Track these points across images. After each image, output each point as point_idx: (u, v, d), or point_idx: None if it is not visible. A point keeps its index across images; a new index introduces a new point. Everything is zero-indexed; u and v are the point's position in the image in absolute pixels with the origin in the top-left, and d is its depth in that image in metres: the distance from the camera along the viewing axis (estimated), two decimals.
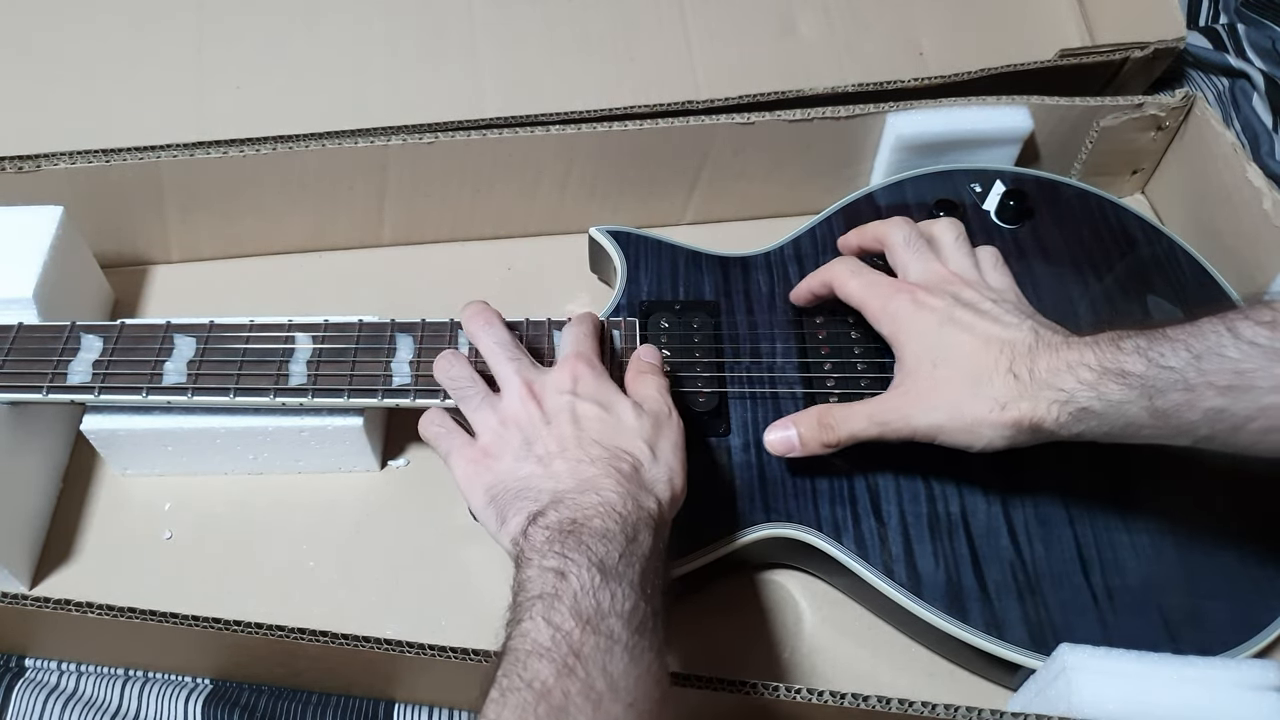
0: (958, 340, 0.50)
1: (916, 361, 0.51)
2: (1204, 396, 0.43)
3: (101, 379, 0.57)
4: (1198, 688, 0.49)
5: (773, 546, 0.57)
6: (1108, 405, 0.45)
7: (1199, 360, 0.43)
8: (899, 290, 0.53)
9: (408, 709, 0.58)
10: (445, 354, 0.55)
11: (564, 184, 0.72)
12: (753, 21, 0.74)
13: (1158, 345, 0.44)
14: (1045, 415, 0.47)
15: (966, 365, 0.49)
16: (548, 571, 0.42)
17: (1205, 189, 0.71)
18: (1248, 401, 0.42)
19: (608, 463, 0.47)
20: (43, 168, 0.65)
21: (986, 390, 0.48)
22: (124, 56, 0.70)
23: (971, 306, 0.51)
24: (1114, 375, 0.45)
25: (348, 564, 0.61)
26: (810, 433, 0.53)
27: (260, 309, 0.62)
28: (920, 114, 0.70)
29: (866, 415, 0.52)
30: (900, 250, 0.56)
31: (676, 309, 0.63)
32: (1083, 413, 0.46)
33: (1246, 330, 0.42)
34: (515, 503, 0.47)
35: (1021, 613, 0.53)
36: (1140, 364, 0.44)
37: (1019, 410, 0.47)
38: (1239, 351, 0.42)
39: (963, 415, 0.49)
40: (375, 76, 0.71)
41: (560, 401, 0.50)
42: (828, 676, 0.57)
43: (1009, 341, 0.49)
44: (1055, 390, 0.46)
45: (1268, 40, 0.83)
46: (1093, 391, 0.46)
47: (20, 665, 0.59)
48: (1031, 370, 0.47)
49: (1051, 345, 0.48)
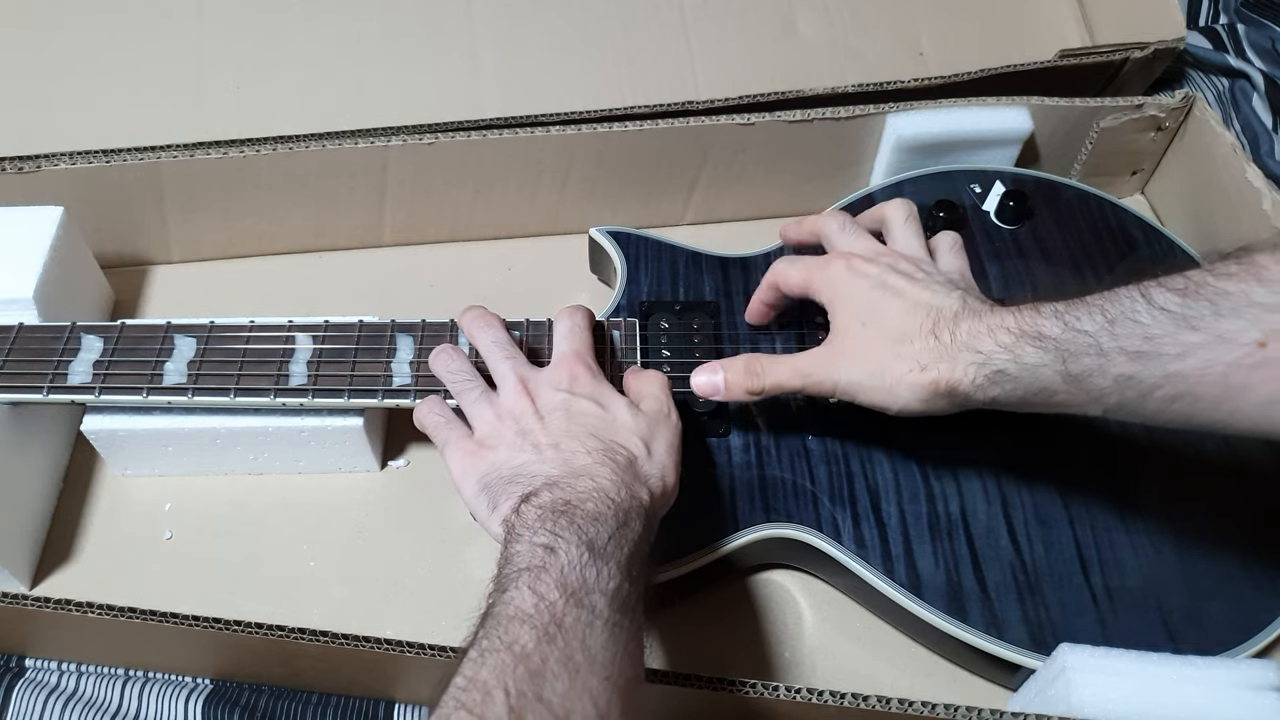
0: (887, 304, 0.50)
1: (846, 321, 0.52)
2: (1115, 362, 0.43)
3: (102, 379, 0.57)
4: (1198, 688, 0.49)
5: (773, 547, 0.57)
6: (1022, 368, 0.46)
7: (1112, 325, 0.43)
8: (835, 258, 0.54)
9: (408, 709, 0.58)
10: (443, 348, 0.55)
11: (564, 184, 0.72)
12: (753, 21, 0.74)
13: (1074, 310, 0.45)
14: (962, 378, 0.47)
15: (892, 326, 0.50)
16: (537, 546, 0.42)
17: (1205, 189, 0.71)
18: (1154, 369, 0.42)
19: (603, 453, 0.47)
20: (43, 168, 0.65)
21: (908, 351, 0.49)
22: (124, 56, 0.70)
23: (904, 274, 0.52)
24: (1030, 338, 0.45)
25: (348, 564, 0.62)
26: (736, 378, 0.53)
27: (260, 309, 0.62)
28: (920, 114, 0.70)
29: (792, 367, 0.52)
30: (836, 236, 0.57)
31: (676, 309, 0.63)
32: (998, 375, 0.46)
33: (1159, 296, 0.42)
34: (508, 488, 0.48)
35: (1021, 613, 0.53)
36: (1056, 327, 0.45)
37: (937, 372, 0.48)
38: (1150, 317, 0.42)
39: (883, 374, 0.49)
40: (375, 76, 0.71)
41: (556, 398, 0.50)
42: (828, 676, 0.57)
43: (936, 307, 0.49)
44: (973, 352, 0.47)
45: (1268, 40, 0.83)
46: (1009, 354, 0.46)
47: (20, 665, 0.59)
48: (954, 334, 0.48)
49: (976, 312, 0.48)
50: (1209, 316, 0.41)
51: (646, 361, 0.60)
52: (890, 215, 0.57)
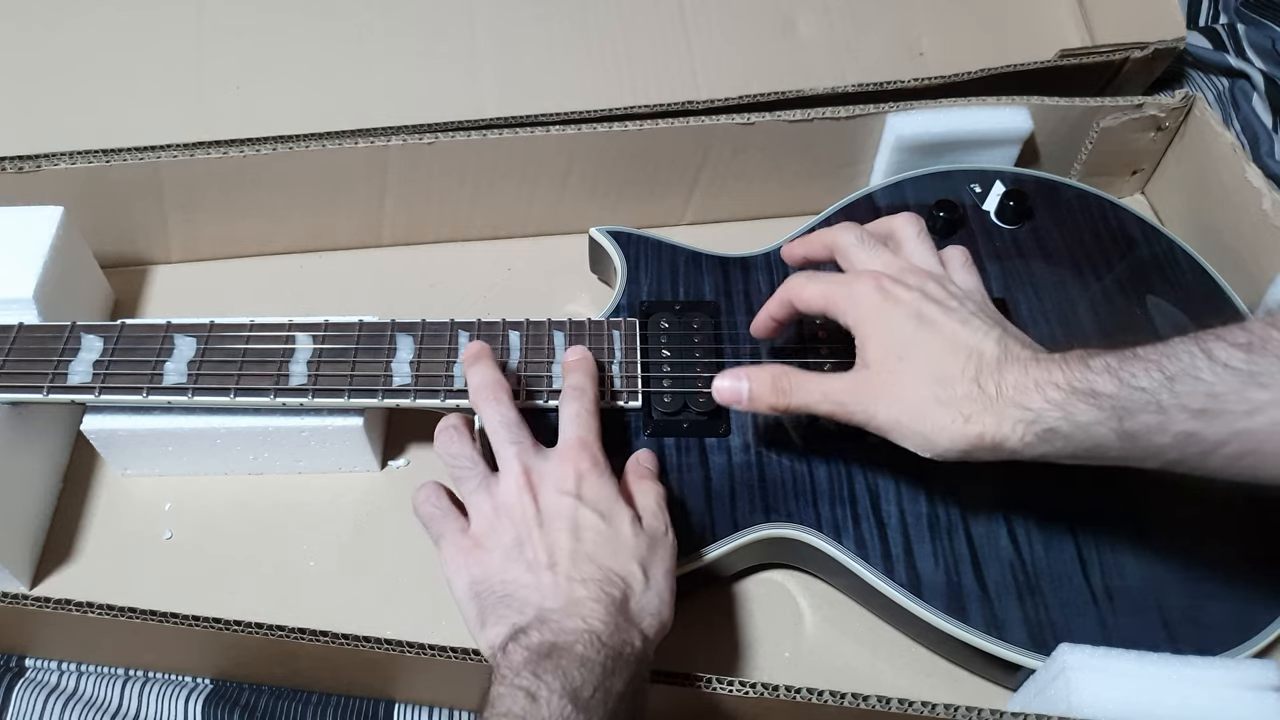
0: (925, 339, 0.48)
1: (881, 352, 0.49)
2: (1176, 420, 0.41)
3: (102, 379, 0.57)
4: (1197, 688, 0.49)
5: (773, 547, 0.57)
6: (1075, 426, 0.44)
7: (1172, 382, 0.41)
8: (862, 276, 0.50)
9: (408, 709, 0.58)
10: (449, 427, 0.52)
11: (564, 184, 0.72)
12: (753, 21, 0.74)
13: (1129, 365, 0.43)
14: (1010, 434, 0.45)
15: (933, 366, 0.47)
16: (518, 691, 0.41)
17: (1205, 189, 0.71)
18: (1220, 426, 0.41)
19: (599, 585, 0.46)
20: (43, 168, 0.65)
21: (949, 397, 0.46)
22: (124, 56, 0.70)
23: (939, 303, 0.49)
24: (1083, 395, 0.43)
25: (348, 564, 0.62)
26: (762, 392, 0.51)
27: (260, 309, 0.62)
28: (920, 114, 0.70)
29: (823, 391, 0.49)
30: (855, 250, 0.53)
31: (676, 309, 0.63)
32: (1049, 433, 0.44)
33: (1221, 352, 0.41)
34: (499, 609, 0.46)
35: (1021, 613, 0.53)
36: (1111, 384, 0.43)
37: (983, 425, 0.45)
38: (1213, 374, 0.41)
39: (923, 418, 0.47)
40: (375, 76, 0.71)
41: (561, 504, 0.48)
42: (828, 676, 0.57)
43: (976, 350, 0.47)
44: (1021, 409, 0.45)
45: (1268, 40, 0.83)
46: (1060, 411, 0.44)
47: (20, 665, 0.59)
48: (999, 385, 0.45)
49: (1019, 360, 0.46)
50: (1278, 373, 0.39)
51: (646, 361, 0.60)
52: (901, 230, 0.55)
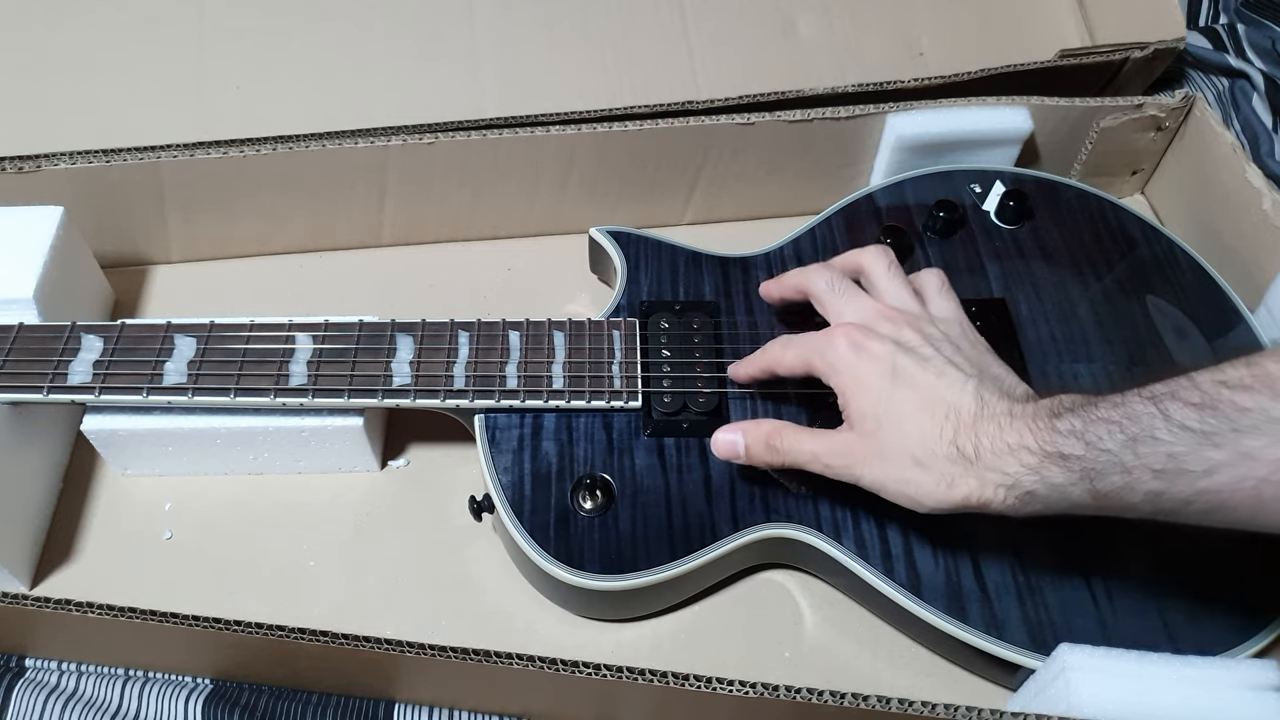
0: (901, 400, 0.49)
1: (860, 417, 0.50)
2: (1141, 480, 0.42)
3: (102, 379, 0.57)
4: (1197, 688, 0.49)
5: (773, 547, 0.57)
6: (1050, 489, 0.45)
7: (1134, 443, 0.42)
8: (834, 336, 0.51)
9: (408, 709, 0.58)
10: None
11: (564, 184, 0.72)
12: (753, 21, 0.74)
13: (1093, 428, 0.44)
14: (993, 497, 0.46)
15: (911, 432, 0.48)
16: None
17: (1205, 189, 0.71)
18: (1183, 485, 0.41)
19: None
20: (43, 168, 0.65)
21: (931, 463, 0.47)
22: (124, 56, 0.70)
23: (914, 352, 0.50)
24: (1054, 459, 0.44)
25: (348, 564, 0.62)
26: (757, 449, 0.53)
27: (260, 309, 0.62)
28: (920, 114, 0.70)
29: (812, 453, 0.51)
30: (827, 297, 0.55)
31: (676, 309, 0.63)
32: (1028, 496, 0.45)
33: (1176, 412, 0.41)
34: None
35: (1021, 613, 0.53)
36: (1078, 447, 0.44)
37: (967, 488, 0.46)
38: (1170, 435, 0.41)
39: (906, 481, 0.48)
40: (375, 76, 0.71)
41: None
42: (828, 676, 0.57)
43: (953, 406, 0.48)
44: (1000, 474, 0.46)
45: (1268, 40, 0.83)
46: (1035, 475, 0.45)
47: (20, 665, 0.59)
48: (977, 448, 0.46)
49: (994, 416, 0.47)
50: (1229, 433, 0.40)
51: (646, 361, 0.60)
52: (869, 267, 0.55)
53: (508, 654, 0.49)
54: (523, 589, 0.60)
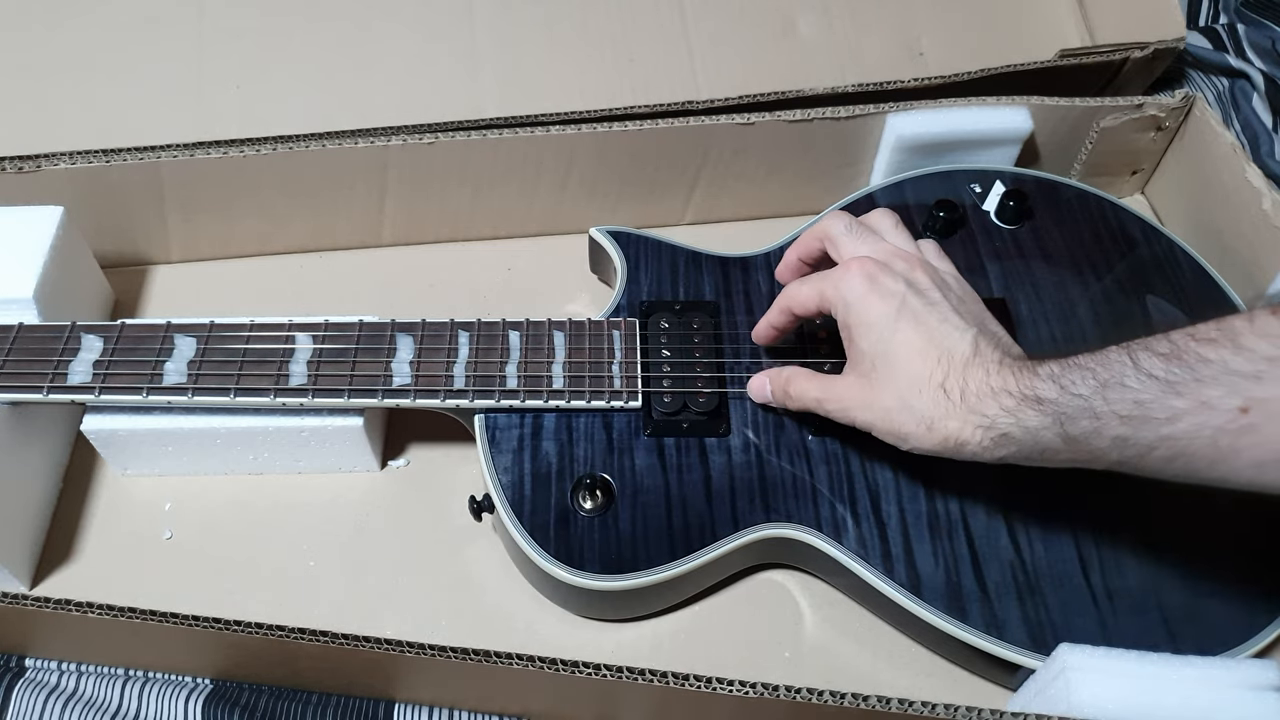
0: (904, 339, 0.50)
1: (860, 357, 0.52)
2: (1109, 425, 0.44)
3: (102, 379, 0.57)
4: (1198, 688, 0.49)
5: (773, 547, 0.57)
6: (1025, 431, 0.46)
7: (1104, 389, 0.44)
8: (850, 266, 0.52)
9: (408, 709, 0.58)
10: None
11: (564, 184, 0.72)
12: (753, 21, 0.74)
13: (1069, 373, 0.45)
14: (969, 439, 0.48)
15: (904, 372, 0.50)
16: None
17: (1205, 189, 0.71)
18: (1147, 431, 0.43)
19: None
20: (43, 168, 0.65)
21: (917, 404, 0.49)
22: (124, 56, 0.70)
23: (923, 295, 0.51)
24: (1030, 401, 0.46)
25: (348, 564, 0.62)
26: (778, 393, 0.57)
27: (260, 309, 0.62)
28: (920, 114, 0.70)
29: (816, 398, 0.54)
30: (844, 238, 0.55)
31: (676, 309, 0.63)
32: (1004, 438, 0.47)
33: (1145, 361, 0.43)
34: None
35: (1021, 613, 0.53)
36: (1053, 390, 0.45)
37: (946, 429, 0.48)
38: (1138, 382, 0.43)
39: (892, 423, 0.50)
40: (375, 76, 0.71)
41: None
42: (828, 676, 0.57)
43: (948, 351, 0.49)
44: (979, 415, 0.47)
45: (1268, 40, 0.83)
46: (1012, 418, 0.47)
47: (20, 665, 0.59)
48: (963, 390, 0.48)
49: (986, 364, 0.48)
50: (1191, 383, 0.42)
51: (646, 361, 0.60)
52: (879, 224, 0.57)
53: (508, 654, 0.49)
54: (523, 589, 0.60)
